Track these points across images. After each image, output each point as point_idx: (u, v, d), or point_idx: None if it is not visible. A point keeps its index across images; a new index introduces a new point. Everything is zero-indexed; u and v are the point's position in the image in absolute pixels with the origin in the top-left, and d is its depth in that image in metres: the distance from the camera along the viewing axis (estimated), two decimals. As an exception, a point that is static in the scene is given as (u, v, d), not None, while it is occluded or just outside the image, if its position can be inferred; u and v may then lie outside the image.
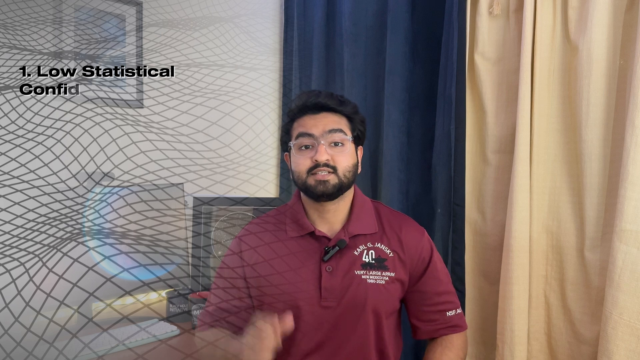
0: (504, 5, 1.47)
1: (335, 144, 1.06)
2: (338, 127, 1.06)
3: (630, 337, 1.16)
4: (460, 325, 1.15)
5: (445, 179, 1.54)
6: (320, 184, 1.03)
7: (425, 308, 1.12)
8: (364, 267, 1.07)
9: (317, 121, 1.06)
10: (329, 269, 1.06)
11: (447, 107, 1.51)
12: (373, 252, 1.09)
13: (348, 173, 1.06)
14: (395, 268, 1.08)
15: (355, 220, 1.10)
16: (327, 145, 1.05)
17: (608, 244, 1.26)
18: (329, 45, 1.89)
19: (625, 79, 1.26)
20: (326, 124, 1.06)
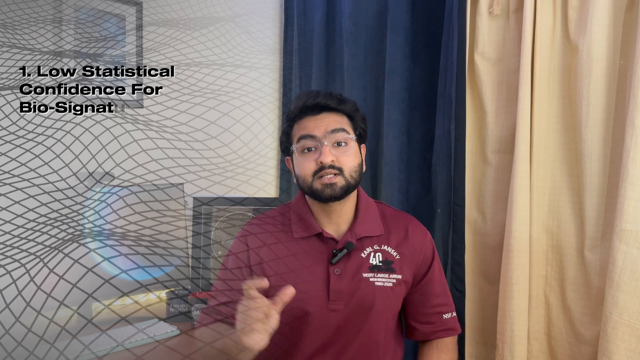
0: (504, 5, 1.47)
1: (339, 143, 1.03)
2: (340, 127, 1.04)
3: (630, 337, 1.16)
4: (455, 328, 1.15)
5: (445, 179, 1.53)
6: (327, 188, 1.01)
7: (425, 310, 1.12)
8: (371, 269, 1.06)
9: (318, 122, 1.04)
10: (337, 272, 1.04)
11: (447, 107, 1.51)
12: (380, 255, 1.07)
13: (354, 173, 1.04)
14: (402, 270, 1.08)
15: (362, 222, 1.09)
16: (331, 145, 1.02)
17: (608, 244, 1.26)
18: (329, 45, 1.89)
19: (625, 79, 1.26)
20: (328, 124, 1.03)
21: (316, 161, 1.02)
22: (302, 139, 1.04)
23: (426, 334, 1.13)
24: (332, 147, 1.03)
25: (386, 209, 1.17)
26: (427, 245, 1.13)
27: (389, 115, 1.69)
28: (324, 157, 1.00)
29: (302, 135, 1.04)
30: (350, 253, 1.06)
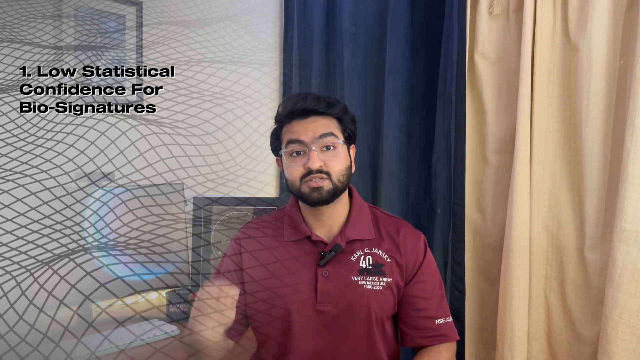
0: (504, 5, 1.47)
1: (327, 147, 1.03)
2: (328, 131, 1.03)
3: (630, 337, 1.16)
4: (450, 335, 1.10)
5: (445, 179, 1.54)
6: (314, 191, 1.01)
7: (413, 313, 1.09)
8: (360, 272, 1.06)
9: (306, 127, 1.03)
10: (325, 274, 1.05)
11: (447, 107, 1.51)
12: (370, 258, 1.07)
13: (342, 177, 1.04)
14: (393, 273, 1.07)
15: (353, 225, 1.09)
16: (319, 150, 1.02)
17: (608, 244, 1.26)
18: (329, 45, 1.89)
19: (625, 79, 1.26)
20: (316, 129, 1.03)
21: (304, 166, 1.02)
22: (290, 143, 1.04)
23: (417, 339, 1.09)
24: (320, 152, 1.03)
25: (380, 213, 1.16)
26: (419, 248, 1.11)
27: (389, 115, 1.69)
28: (311, 163, 1.00)
29: (290, 140, 1.04)
30: (339, 256, 1.06)
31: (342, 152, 1.05)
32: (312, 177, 1.01)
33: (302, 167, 1.02)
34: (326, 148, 1.03)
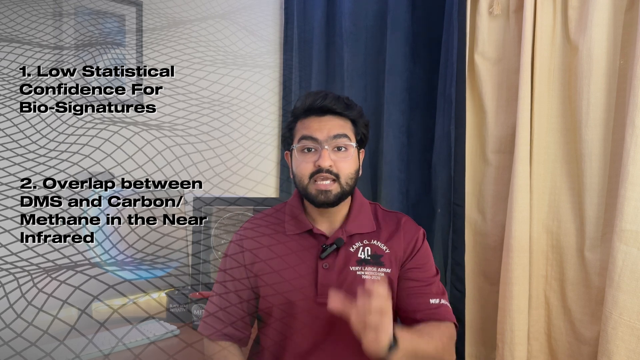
0: (504, 5, 1.47)
1: (339, 148, 1.04)
2: (342, 132, 1.05)
3: (630, 337, 1.16)
4: (446, 315, 1.07)
5: (445, 179, 1.54)
6: (321, 194, 1.03)
7: (406, 292, 1.07)
8: (359, 263, 1.07)
9: (321, 125, 1.05)
10: (325, 266, 1.06)
11: (447, 107, 1.51)
12: (369, 249, 1.09)
13: (350, 180, 1.05)
14: (391, 264, 1.08)
15: (354, 220, 1.11)
16: (331, 150, 1.04)
17: (608, 244, 1.26)
18: (329, 45, 1.89)
19: (625, 79, 1.26)
20: (331, 128, 1.04)
21: (314, 163, 1.03)
22: (303, 139, 1.05)
23: (408, 313, 1.07)
24: (332, 152, 1.04)
25: (380, 209, 1.18)
26: (418, 236, 1.12)
27: (389, 116, 1.69)
28: (322, 161, 1.02)
29: (304, 135, 1.05)
30: (340, 248, 1.07)
31: (352, 154, 1.06)
32: (320, 177, 1.02)
33: (312, 164, 1.03)
34: (338, 149, 1.05)
